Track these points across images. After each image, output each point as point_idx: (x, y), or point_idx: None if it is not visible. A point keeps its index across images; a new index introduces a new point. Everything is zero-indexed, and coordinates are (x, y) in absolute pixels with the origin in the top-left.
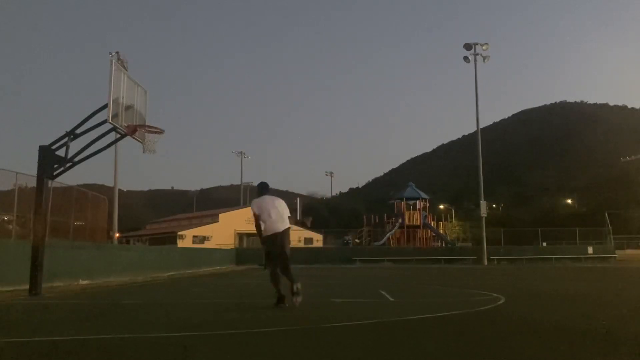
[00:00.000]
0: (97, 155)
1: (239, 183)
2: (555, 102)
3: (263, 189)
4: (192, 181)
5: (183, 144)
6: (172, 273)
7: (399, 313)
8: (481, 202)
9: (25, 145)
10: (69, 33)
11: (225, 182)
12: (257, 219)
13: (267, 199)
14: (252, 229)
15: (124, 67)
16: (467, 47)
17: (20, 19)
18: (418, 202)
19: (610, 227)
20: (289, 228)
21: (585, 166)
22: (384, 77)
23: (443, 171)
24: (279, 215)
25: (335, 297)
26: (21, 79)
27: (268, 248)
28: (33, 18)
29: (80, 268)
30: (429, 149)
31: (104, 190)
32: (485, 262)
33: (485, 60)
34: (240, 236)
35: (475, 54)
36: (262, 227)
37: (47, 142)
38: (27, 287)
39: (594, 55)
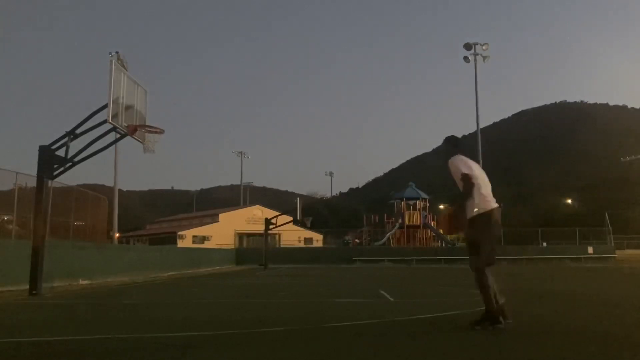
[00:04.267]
0: (97, 155)
1: (239, 183)
2: (555, 102)
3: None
4: (192, 181)
5: (183, 144)
6: (172, 273)
7: (399, 313)
8: None
9: (25, 145)
10: (69, 33)
11: (225, 182)
12: (471, 180)
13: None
14: (252, 228)
15: (124, 67)
16: (467, 47)
17: (20, 19)
18: (418, 202)
19: (610, 227)
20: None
21: (585, 166)
22: (384, 77)
23: (443, 171)
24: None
25: (336, 297)
26: (21, 79)
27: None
28: (33, 18)
29: (80, 268)
30: (429, 149)
31: (104, 190)
32: None
33: (485, 60)
34: (240, 236)
35: (475, 54)
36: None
37: (47, 142)
38: (27, 287)
39: (594, 55)
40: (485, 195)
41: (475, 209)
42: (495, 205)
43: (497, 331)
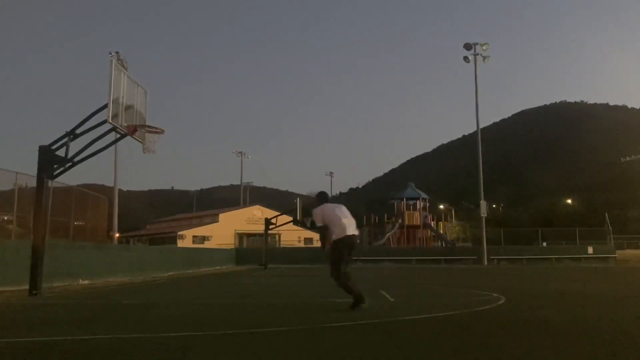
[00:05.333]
0: (97, 155)
1: (239, 183)
2: (555, 102)
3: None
4: (192, 181)
5: (183, 144)
6: (172, 273)
7: (399, 313)
8: (481, 202)
9: (25, 145)
10: (69, 33)
11: (225, 182)
12: (323, 230)
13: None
14: (252, 228)
15: (124, 67)
16: (467, 47)
17: (20, 19)
18: (418, 202)
19: (610, 227)
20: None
21: (585, 166)
22: (384, 77)
23: (443, 171)
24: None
25: (335, 297)
26: (21, 79)
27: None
28: (33, 17)
29: (80, 268)
30: (429, 149)
31: (104, 190)
32: (485, 262)
33: (485, 60)
34: (240, 236)
35: (475, 54)
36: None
37: (47, 142)
38: (27, 287)
39: (594, 55)
40: (340, 227)
41: (334, 236)
42: (350, 233)
43: (497, 330)
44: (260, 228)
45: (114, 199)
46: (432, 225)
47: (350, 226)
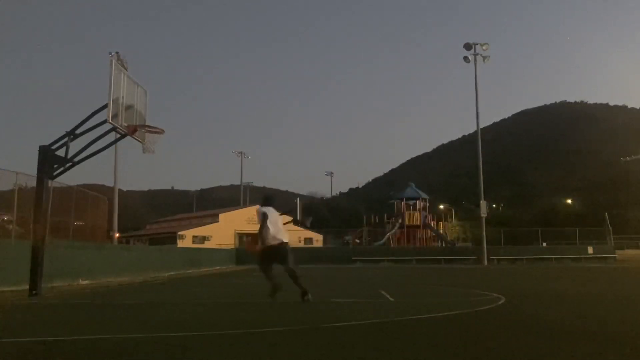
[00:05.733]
0: (97, 155)
1: (239, 183)
2: (555, 102)
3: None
4: (192, 181)
5: (183, 144)
6: (172, 273)
7: (399, 313)
8: (481, 202)
9: (25, 145)
10: (69, 33)
11: (225, 182)
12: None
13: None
14: (252, 229)
15: (124, 67)
16: (467, 47)
17: (20, 19)
18: (418, 202)
19: (610, 228)
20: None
21: (585, 166)
22: (384, 77)
23: (443, 171)
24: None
25: (335, 297)
26: (21, 79)
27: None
28: (32, 17)
29: (81, 268)
30: (429, 149)
31: (104, 190)
32: (485, 262)
33: (485, 60)
34: (240, 236)
35: (475, 54)
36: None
37: (47, 142)
38: (27, 287)
39: (594, 55)
40: (271, 236)
41: (265, 243)
42: (275, 242)
43: (497, 330)
44: None
45: (114, 199)
46: (432, 225)
47: (281, 234)
